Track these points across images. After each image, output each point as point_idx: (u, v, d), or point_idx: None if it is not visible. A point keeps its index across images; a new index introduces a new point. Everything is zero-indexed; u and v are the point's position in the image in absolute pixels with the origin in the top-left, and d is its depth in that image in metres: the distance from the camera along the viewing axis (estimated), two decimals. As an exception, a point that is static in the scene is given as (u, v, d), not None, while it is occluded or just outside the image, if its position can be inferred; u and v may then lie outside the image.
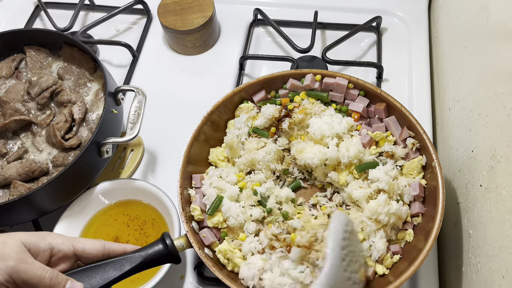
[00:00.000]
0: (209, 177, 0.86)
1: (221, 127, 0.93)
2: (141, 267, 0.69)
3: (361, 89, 0.90)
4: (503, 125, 0.67)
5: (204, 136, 0.90)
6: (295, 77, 0.92)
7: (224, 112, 0.92)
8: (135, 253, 0.69)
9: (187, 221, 0.78)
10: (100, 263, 0.68)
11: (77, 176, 0.86)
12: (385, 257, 0.79)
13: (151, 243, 0.72)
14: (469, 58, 0.85)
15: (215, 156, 0.90)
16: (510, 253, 0.61)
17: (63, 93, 0.96)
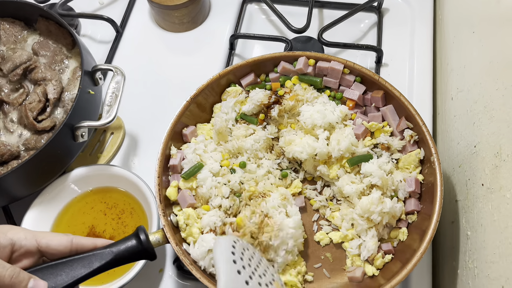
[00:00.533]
0: (196, 142, 0.81)
1: (207, 109, 0.87)
2: (112, 264, 0.64)
3: (357, 75, 0.83)
4: (511, 120, 0.61)
5: (191, 114, 0.84)
6: (287, 60, 0.85)
7: (210, 95, 0.86)
8: (106, 249, 0.64)
9: (164, 214, 0.73)
10: (67, 259, 0.62)
11: (49, 161, 0.80)
12: (376, 257, 0.74)
13: (124, 238, 0.66)
14: (476, 44, 0.78)
15: (201, 133, 0.84)
16: (511, 261, 0.56)
17: (38, 70, 0.89)
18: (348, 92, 0.83)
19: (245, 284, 0.58)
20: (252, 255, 0.64)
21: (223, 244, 0.61)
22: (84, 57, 0.83)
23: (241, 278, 0.58)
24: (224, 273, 0.57)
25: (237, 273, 0.58)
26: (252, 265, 0.62)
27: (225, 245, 0.61)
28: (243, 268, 0.59)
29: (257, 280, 0.60)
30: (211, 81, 0.83)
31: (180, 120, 0.82)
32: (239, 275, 0.58)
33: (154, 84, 1.02)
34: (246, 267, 0.60)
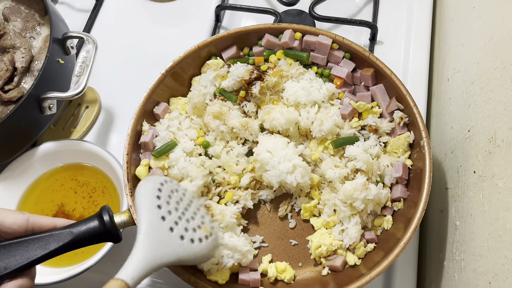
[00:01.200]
0: (170, 118, 0.76)
1: (186, 83, 0.81)
2: (70, 246, 0.59)
3: (347, 51, 0.77)
4: (508, 102, 0.55)
5: (167, 88, 0.78)
6: (272, 33, 0.79)
7: (190, 68, 0.80)
8: (65, 230, 0.59)
9: (132, 193, 0.68)
10: (21, 239, 0.57)
11: (14, 134, 0.75)
12: (358, 246, 0.69)
13: (86, 219, 0.61)
14: (476, 20, 0.72)
15: (175, 108, 0.79)
16: (500, 256, 0.51)
17: (6, 36, 0.83)
18: (336, 69, 0.77)
19: (169, 230, 0.55)
20: (181, 197, 0.60)
21: (147, 187, 0.57)
22: (53, 22, 0.78)
23: (164, 225, 0.55)
24: (146, 221, 0.54)
25: (160, 220, 0.55)
26: (180, 209, 0.58)
27: (150, 189, 0.57)
28: (168, 213, 0.56)
29: (183, 226, 0.57)
30: (189, 53, 0.77)
31: (156, 93, 0.76)
32: (163, 222, 0.55)
33: (134, 56, 0.96)
34: (172, 211, 0.57)
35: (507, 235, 0.50)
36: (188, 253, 0.55)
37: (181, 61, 0.77)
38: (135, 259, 0.51)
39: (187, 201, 0.61)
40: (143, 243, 0.52)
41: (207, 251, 0.58)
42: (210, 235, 0.60)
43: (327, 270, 0.70)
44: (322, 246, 0.70)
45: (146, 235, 0.53)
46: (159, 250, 0.53)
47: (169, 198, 0.58)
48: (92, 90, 0.91)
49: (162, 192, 0.58)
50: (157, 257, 0.52)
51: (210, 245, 0.59)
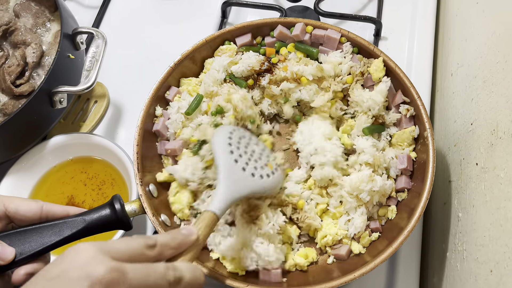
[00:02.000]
0: (179, 100, 0.77)
1: (198, 62, 0.83)
2: (83, 233, 0.61)
3: (353, 45, 0.79)
4: (510, 95, 0.56)
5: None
6: (284, 25, 0.81)
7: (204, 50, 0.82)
8: (78, 217, 0.61)
9: (141, 183, 0.69)
10: (36, 226, 0.59)
11: (26, 127, 0.77)
12: (363, 235, 0.71)
13: (98, 207, 0.63)
14: (479, 15, 0.73)
15: (185, 89, 0.80)
16: (501, 245, 0.52)
17: (17, 32, 0.85)
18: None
19: (242, 170, 0.65)
20: (248, 141, 0.71)
21: (220, 136, 0.68)
22: (64, 18, 0.79)
23: (238, 166, 0.65)
24: (223, 165, 0.64)
25: (234, 162, 0.65)
26: (248, 152, 0.69)
27: (223, 137, 0.67)
28: (239, 156, 0.67)
29: (252, 165, 0.67)
30: (197, 47, 0.79)
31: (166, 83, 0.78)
32: (236, 164, 0.65)
33: (142, 52, 0.98)
34: (242, 155, 0.67)
35: (508, 224, 0.52)
36: (259, 186, 0.66)
37: (189, 54, 0.78)
38: (219, 195, 0.61)
39: (253, 144, 0.71)
40: (223, 182, 0.63)
41: (273, 184, 0.69)
42: (276, 171, 0.70)
43: (333, 259, 0.71)
44: (328, 235, 0.71)
45: (225, 176, 0.63)
46: (236, 186, 0.63)
47: (239, 144, 0.68)
48: (101, 85, 0.93)
49: (232, 139, 0.68)
50: (235, 191, 0.63)
51: (276, 179, 0.69)
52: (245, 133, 0.72)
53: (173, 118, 0.76)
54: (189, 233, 0.52)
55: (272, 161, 0.71)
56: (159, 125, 0.76)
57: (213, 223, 0.57)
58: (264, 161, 0.70)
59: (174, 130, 0.76)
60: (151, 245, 0.47)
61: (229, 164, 0.65)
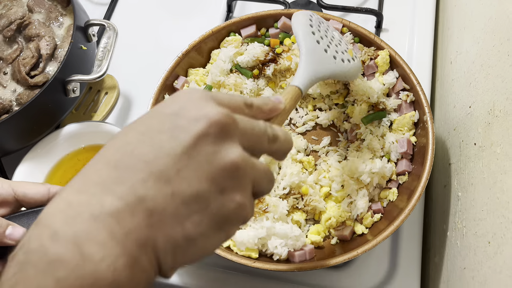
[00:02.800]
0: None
1: (205, 54, 0.86)
2: None
3: (354, 35, 0.81)
4: (505, 75, 0.59)
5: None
6: (288, 17, 0.83)
7: (210, 41, 0.85)
8: None
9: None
10: (43, 207, 0.62)
11: (40, 115, 0.80)
12: (365, 216, 0.73)
13: None
14: (476, 3, 0.76)
15: (193, 79, 0.83)
16: (497, 216, 0.55)
17: (31, 26, 0.88)
18: None
19: (324, 52, 0.66)
20: (327, 28, 0.71)
21: (301, 18, 0.67)
22: (76, 11, 0.83)
23: (320, 47, 0.66)
24: (304, 44, 0.64)
25: (316, 43, 0.65)
26: (329, 36, 0.69)
27: (303, 18, 0.67)
28: (321, 38, 0.67)
29: (334, 49, 0.68)
30: (203, 37, 0.82)
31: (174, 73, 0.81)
32: (318, 45, 0.66)
33: (150, 45, 1.01)
34: (323, 37, 0.67)
35: (504, 196, 0.54)
36: (339, 69, 0.67)
37: (196, 44, 0.81)
38: (302, 71, 0.62)
39: (332, 31, 0.72)
40: (306, 59, 0.63)
41: (354, 70, 0.70)
42: (355, 58, 0.71)
43: (336, 240, 0.74)
44: (332, 218, 0.73)
45: (308, 54, 0.64)
46: (319, 66, 0.64)
47: (319, 27, 0.69)
48: (111, 77, 0.96)
49: (312, 22, 0.68)
50: (318, 70, 0.63)
51: (356, 65, 0.70)
52: (323, 20, 0.72)
53: None
54: (278, 101, 0.52)
55: (352, 49, 0.72)
56: None
57: (297, 97, 0.58)
58: (344, 47, 0.70)
59: None
60: (249, 104, 0.47)
61: (311, 44, 0.65)
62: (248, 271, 0.77)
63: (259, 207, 0.71)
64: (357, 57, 0.72)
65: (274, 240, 0.69)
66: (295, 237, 0.69)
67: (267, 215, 0.70)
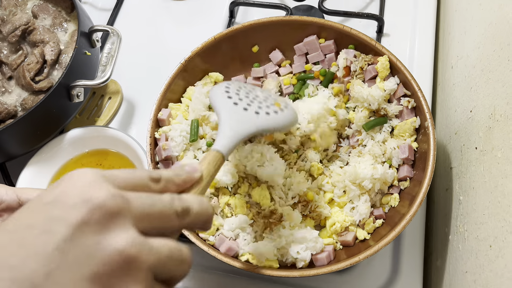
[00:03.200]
0: (179, 123, 0.78)
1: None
2: None
3: (355, 41, 0.82)
4: (506, 80, 0.60)
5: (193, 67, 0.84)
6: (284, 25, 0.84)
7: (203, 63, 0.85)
8: None
9: (155, 172, 0.73)
10: None
11: (45, 120, 0.81)
12: (367, 222, 0.74)
13: None
14: (477, 8, 0.77)
15: (176, 114, 0.81)
16: (499, 220, 0.55)
17: (36, 32, 0.89)
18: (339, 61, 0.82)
19: (244, 111, 0.63)
20: (250, 90, 0.69)
21: (216, 89, 0.66)
22: (81, 17, 0.84)
23: (239, 107, 0.63)
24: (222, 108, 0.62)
25: (234, 105, 0.63)
26: (250, 96, 0.66)
27: (219, 88, 0.66)
28: (239, 100, 0.64)
29: (256, 105, 0.64)
30: (206, 44, 0.82)
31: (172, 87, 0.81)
32: (237, 106, 0.63)
33: (153, 51, 1.02)
34: (243, 98, 0.65)
35: (505, 200, 0.54)
36: (265, 123, 0.63)
37: (199, 51, 0.82)
38: (222, 135, 0.59)
39: (257, 91, 0.69)
40: (224, 121, 0.61)
41: (284, 120, 0.65)
42: (286, 108, 0.67)
43: (339, 245, 0.74)
44: (336, 223, 0.74)
45: (225, 115, 0.61)
46: (240, 124, 0.61)
47: (238, 92, 0.66)
48: (115, 82, 0.97)
49: (229, 88, 0.66)
50: (239, 129, 0.60)
51: (286, 115, 0.66)
52: (245, 84, 0.70)
53: (178, 140, 0.76)
54: (192, 170, 0.48)
55: (281, 101, 0.68)
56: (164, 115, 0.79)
57: (218, 161, 0.54)
58: (270, 101, 0.67)
59: (178, 153, 0.76)
60: (156, 179, 0.42)
61: (228, 105, 0.63)
62: (251, 275, 0.77)
63: (273, 218, 0.71)
64: (287, 106, 0.68)
65: (294, 247, 0.69)
66: (314, 238, 0.70)
67: (283, 224, 0.71)
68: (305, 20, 0.83)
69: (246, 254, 0.70)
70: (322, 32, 0.83)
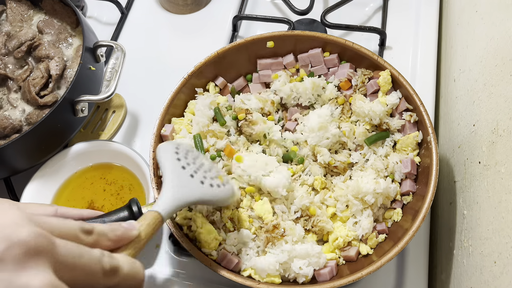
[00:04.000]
0: (183, 137, 0.79)
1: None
2: None
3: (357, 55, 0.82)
4: (508, 95, 0.60)
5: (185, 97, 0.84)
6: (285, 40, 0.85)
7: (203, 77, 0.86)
8: (97, 219, 0.64)
9: (157, 187, 0.73)
10: None
11: (49, 135, 0.81)
12: (370, 237, 0.73)
13: (116, 210, 0.66)
14: (479, 22, 0.77)
15: (179, 128, 0.82)
16: (503, 236, 0.55)
17: (41, 47, 0.90)
18: (338, 75, 0.83)
19: (190, 177, 0.63)
20: (197, 155, 0.69)
21: (166, 147, 0.67)
22: (85, 33, 0.85)
23: (185, 172, 0.64)
24: (169, 169, 0.63)
25: (181, 169, 0.64)
26: (197, 163, 0.67)
27: (168, 147, 0.67)
28: (187, 164, 0.65)
29: (202, 174, 0.65)
30: (209, 59, 0.83)
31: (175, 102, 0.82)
32: (184, 170, 0.64)
33: (157, 65, 1.03)
34: (190, 164, 0.66)
35: (509, 216, 0.54)
36: (208, 194, 0.64)
37: (201, 66, 0.83)
38: (164, 197, 0.59)
39: (203, 158, 0.70)
40: (169, 184, 0.61)
41: (224, 195, 0.66)
42: (227, 183, 0.68)
43: (342, 260, 0.74)
44: (339, 238, 0.73)
45: (171, 179, 0.61)
46: (184, 190, 0.61)
47: (186, 156, 0.67)
48: (119, 96, 0.98)
49: (179, 150, 0.67)
50: (183, 195, 0.61)
51: (227, 191, 0.67)
52: (193, 149, 0.71)
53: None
54: (130, 227, 0.48)
55: (223, 175, 0.70)
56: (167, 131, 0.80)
57: (157, 223, 0.54)
58: (214, 173, 0.68)
59: None
60: (87, 230, 0.42)
61: (175, 168, 0.63)
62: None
63: (276, 232, 0.71)
64: (228, 182, 0.69)
65: (297, 262, 0.69)
66: (317, 254, 0.70)
67: (286, 239, 0.71)
68: (306, 35, 0.84)
69: (248, 269, 0.70)
70: (327, 46, 0.84)
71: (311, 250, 0.69)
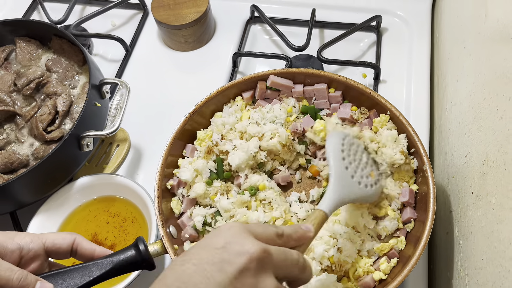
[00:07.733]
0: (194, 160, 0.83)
1: (207, 116, 0.91)
2: (111, 274, 0.66)
3: (351, 90, 0.86)
4: (496, 128, 0.62)
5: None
6: (287, 76, 0.89)
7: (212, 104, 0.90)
8: (105, 259, 0.66)
9: (163, 225, 0.75)
10: (67, 268, 0.64)
11: (55, 169, 0.84)
12: (381, 261, 0.74)
13: (123, 249, 0.68)
14: (467, 58, 0.81)
15: (203, 144, 0.86)
16: (496, 265, 0.56)
17: (49, 85, 0.94)
18: (340, 113, 0.86)
19: (350, 177, 0.71)
20: (356, 149, 0.76)
21: (334, 142, 0.73)
22: (92, 71, 0.88)
23: (348, 173, 0.71)
24: (335, 170, 0.69)
25: (345, 169, 0.71)
26: (356, 160, 0.74)
27: (337, 143, 0.73)
28: (349, 163, 0.72)
29: (359, 174, 0.73)
30: (209, 98, 0.87)
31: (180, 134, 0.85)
32: (347, 171, 0.71)
33: (160, 100, 1.07)
34: (352, 162, 0.72)
35: (501, 245, 0.56)
36: (363, 195, 0.72)
37: (202, 105, 0.86)
38: (329, 196, 0.67)
39: (360, 152, 0.76)
40: (334, 185, 0.68)
41: (374, 195, 0.75)
42: (378, 182, 0.76)
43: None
44: (358, 268, 0.75)
45: (336, 180, 0.69)
46: (345, 191, 0.69)
47: (349, 151, 0.74)
48: (123, 130, 1.01)
49: (344, 146, 0.73)
50: (343, 196, 0.68)
51: (376, 191, 0.75)
52: (355, 140, 0.77)
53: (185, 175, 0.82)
54: (308, 230, 0.57)
55: (375, 171, 0.76)
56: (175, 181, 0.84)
57: (323, 222, 0.62)
58: (368, 170, 0.75)
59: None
60: (280, 234, 0.53)
61: (340, 170, 0.70)
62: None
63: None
64: (379, 180, 0.76)
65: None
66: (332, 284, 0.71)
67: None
68: (302, 72, 0.87)
69: None
70: (333, 83, 0.88)
71: (325, 281, 0.70)
